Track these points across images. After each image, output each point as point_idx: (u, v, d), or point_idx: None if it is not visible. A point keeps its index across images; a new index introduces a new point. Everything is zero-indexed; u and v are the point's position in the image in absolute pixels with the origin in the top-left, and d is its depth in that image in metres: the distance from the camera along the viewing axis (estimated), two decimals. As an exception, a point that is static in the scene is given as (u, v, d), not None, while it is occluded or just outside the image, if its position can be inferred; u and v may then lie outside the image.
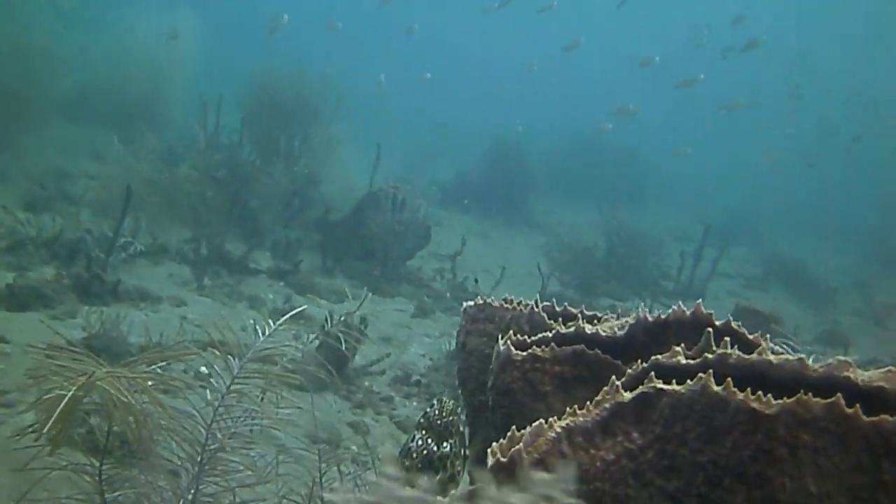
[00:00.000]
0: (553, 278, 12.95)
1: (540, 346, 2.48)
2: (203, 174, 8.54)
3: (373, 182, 11.43)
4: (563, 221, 18.87)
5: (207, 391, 2.64)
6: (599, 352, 2.45)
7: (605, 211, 16.68)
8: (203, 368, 5.07)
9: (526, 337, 2.81)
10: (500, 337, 2.55)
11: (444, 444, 2.31)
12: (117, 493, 2.28)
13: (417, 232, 10.47)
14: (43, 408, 2.04)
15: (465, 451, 2.35)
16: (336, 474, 2.97)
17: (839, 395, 1.82)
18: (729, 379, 1.86)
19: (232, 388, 2.61)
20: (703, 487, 1.86)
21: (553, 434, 1.93)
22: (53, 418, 1.96)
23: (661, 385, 1.93)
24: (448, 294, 10.13)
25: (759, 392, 1.84)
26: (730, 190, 27.55)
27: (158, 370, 2.36)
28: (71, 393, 2.01)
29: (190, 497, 2.40)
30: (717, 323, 2.53)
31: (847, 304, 18.03)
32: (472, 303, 3.03)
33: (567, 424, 1.95)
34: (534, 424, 1.94)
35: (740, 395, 1.84)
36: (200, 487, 2.40)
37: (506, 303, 2.99)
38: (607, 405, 1.96)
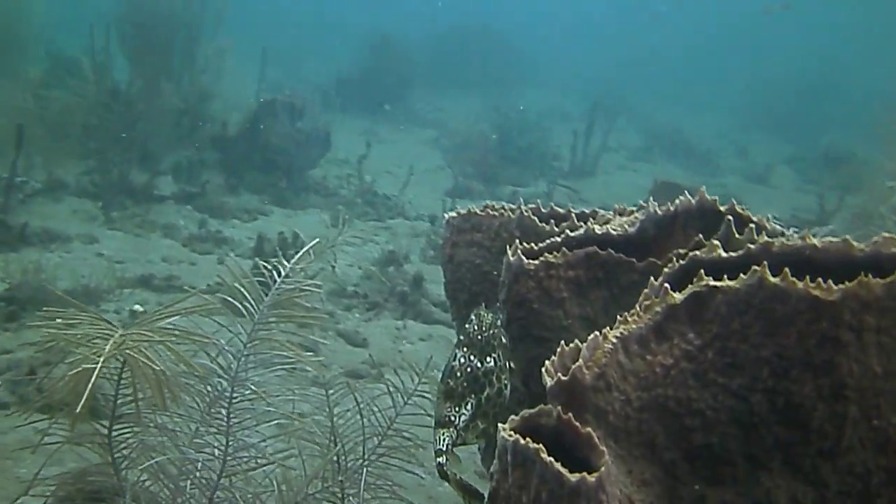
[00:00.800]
0: (452, 171, 12.88)
1: (551, 253, 2.40)
2: (91, 101, 8.00)
3: (262, 92, 11.00)
4: (450, 114, 18.74)
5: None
6: (612, 251, 2.39)
7: (491, 98, 16.64)
8: (138, 306, 4.82)
9: (518, 241, 2.73)
10: (507, 247, 2.45)
11: (488, 358, 2.23)
12: (132, 462, 2.12)
13: (318, 139, 10.16)
14: (69, 383, 1.84)
15: (510, 364, 2.27)
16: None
17: (897, 273, 1.81)
18: (786, 269, 1.83)
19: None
20: (770, 381, 1.83)
21: (609, 345, 1.86)
22: (85, 396, 1.77)
23: (714, 283, 1.88)
24: (359, 200, 9.95)
25: (818, 279, 1.81)
26: (607, 69, 27.80)
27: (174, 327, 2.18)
28: (99, 365, 1.81)
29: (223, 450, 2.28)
30: (722, 208, 2.50)
31: (728, 167, 18.70)
32: (454, 213, 2.92)
33: (621, 333, 1.88)
34: (589, 338, 1.87)
35: (800, 285, 1.81)
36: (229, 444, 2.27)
37: (490, 209, 2.89)
38: (659, 309, 1.90)
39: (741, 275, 1.86)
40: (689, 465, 1.90)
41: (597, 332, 1.89)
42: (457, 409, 2.21)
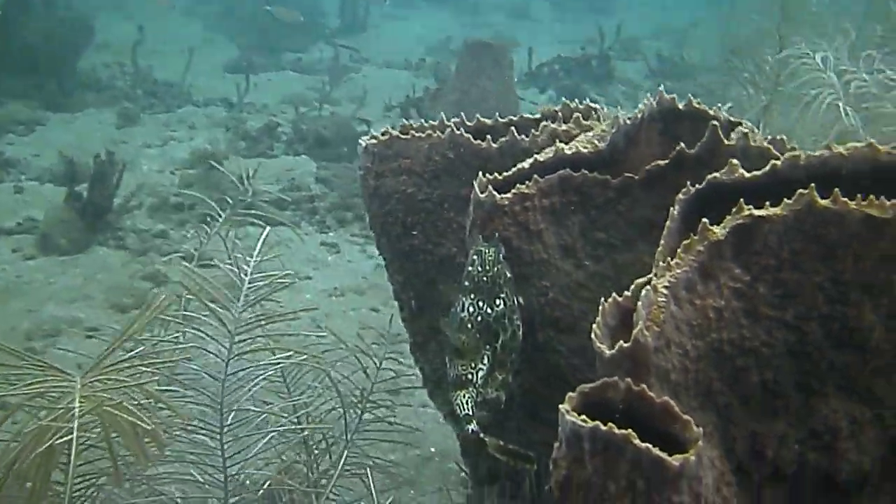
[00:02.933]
0: (223, 43, 12.01)
1: (523, 182, 2.17)
2: None
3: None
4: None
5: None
6: (586, 172, 2.18)
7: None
8: None
9: (459, 164, 2.48)
10: (474, 183, 2.19)
11: (497, 301, 2.00)
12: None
13: (80, 28, 9.03)
14: (23, 452, 1.42)
15: (518, 300, 2.05)
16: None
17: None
18: (836, 190, 1.70)
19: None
20: (825, 307, 1.73)
21: (662, 298, 1.68)
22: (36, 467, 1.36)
23: (757, 212, 1.72)
24: (139, 91, 9.05)
25: (869, 196, 1.70)
26: None
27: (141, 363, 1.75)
28: (74, 435, 1.39)
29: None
30: (680, 106, 2.34)
31: (489, 4, 18.67)
32: (371, 139, 2.59)
33: (669, 282, 1.70)
34: (643, 293, 1.67)
35: (853, 205, 1.69)
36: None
37: (414, 131, 2.58)
38: (701, 248, 1.73)
39: (784, 199, 1.72)
40: (743, 405, 1.80)
41: (648, 285, 1.70)
42: (472, 364, 2.00)
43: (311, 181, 7.05)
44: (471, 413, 1.97)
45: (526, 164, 2.19)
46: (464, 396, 1.98)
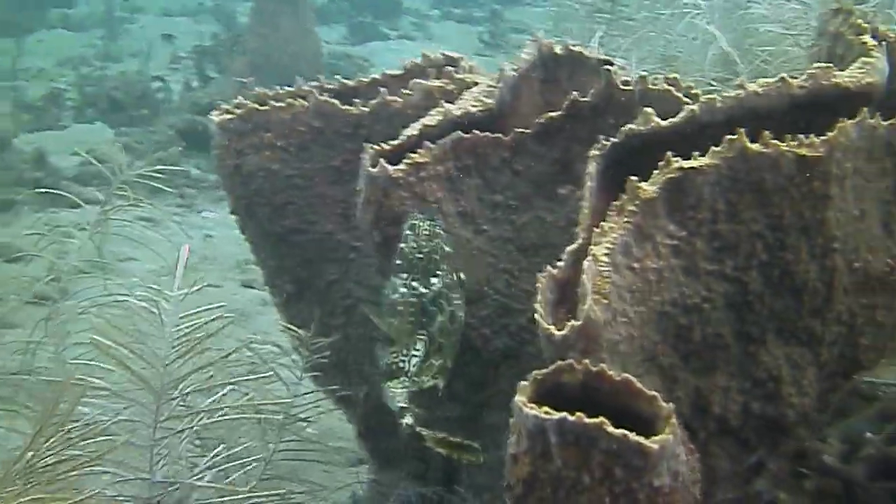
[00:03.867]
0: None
1: (414, 151, 1.98)
2: None
3: None
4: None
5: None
6: (478, 132, 2.02)
7: None
8: None
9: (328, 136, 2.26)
10: (362, 156, 1.98)
11: (433, 279, 1.82)
12: None
13: None
14: None
15: (458, 276, 1.88)
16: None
17: (864, 109, 1.69)
18: (766, 133, 1.63)
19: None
20: (764, 255, 1.68)
21: (605, 267, 1.56)
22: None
23: (688, 164, 1.63)
24: None
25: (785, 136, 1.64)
26: None
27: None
28: None
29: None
30: (558, 50, 2.21)
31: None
32: (226, 114, 2.31)
33: (608, 248, 1.58)
34: (585, 265, 1.54)
35: (785, 147, 1.62)
36: None
37: (273, 100, 2.32)
38: (633, 207, 1.61)
39: (713, 148, 1.63)
40: (685, 364, 1.73)
41: (588, 256, 1.57)
42: (405, 352, 1.81)
43: (112, 150, 6.47)
44: (406, 405, 1.80)
45: (414, 129, 1.99)
46: (397, 387, 1.81)
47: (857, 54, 1.89)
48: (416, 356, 1.81)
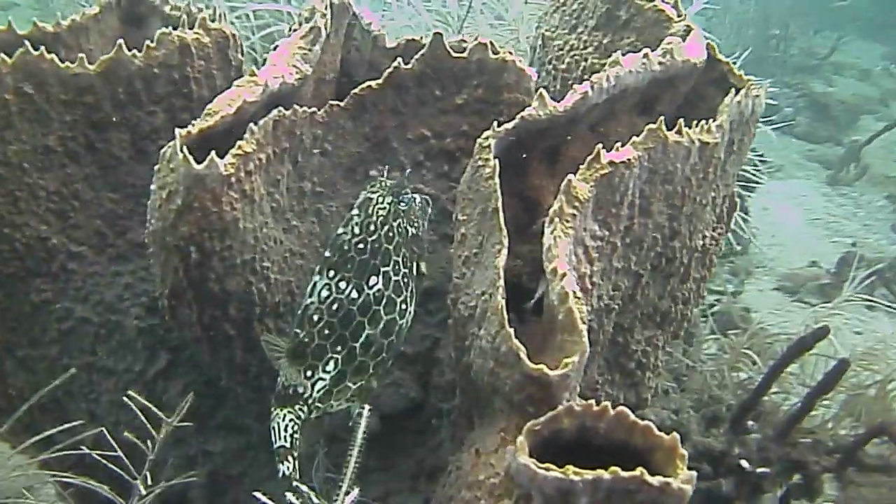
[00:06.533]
0: None
1: (232, 135, 1.48)
2: None
3: None
4: None
5: None
6: (297, 107, 1.59)
7: None
8: None
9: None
10: (166, 150, 1.42)
11: (373, 279, 1.35)
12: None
13: None
14: None
15: (418, 269, 1.42)
16: None
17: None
18: (681, 121, 1.54)
19: None
20: (660, 246, 1.63)
21: (575, 289, 1.35)
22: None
23: (617, 158, 1.46)
24: None
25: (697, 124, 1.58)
26: None
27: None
28: None
29: None
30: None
31: None
32: None
33: (568, 265, 1.38)
34: (555, 290, 1.31)
35: (694, 134, 1.56)
36: None
37: None
38: (573, 211, 1.42)
39: (633, 139, 1.49)
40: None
41: (556, 274, 1.34)
42: (309, 372, 1.39)
43: None
44: (287, 444, 1.36)
45: (229, 106, 1.47)
46: (284, 416, 1.37)
47: (650, 20, 1.88)
48: (322, 379, 1.39)
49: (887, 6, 9.62)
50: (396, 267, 1.40)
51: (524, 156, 1.59)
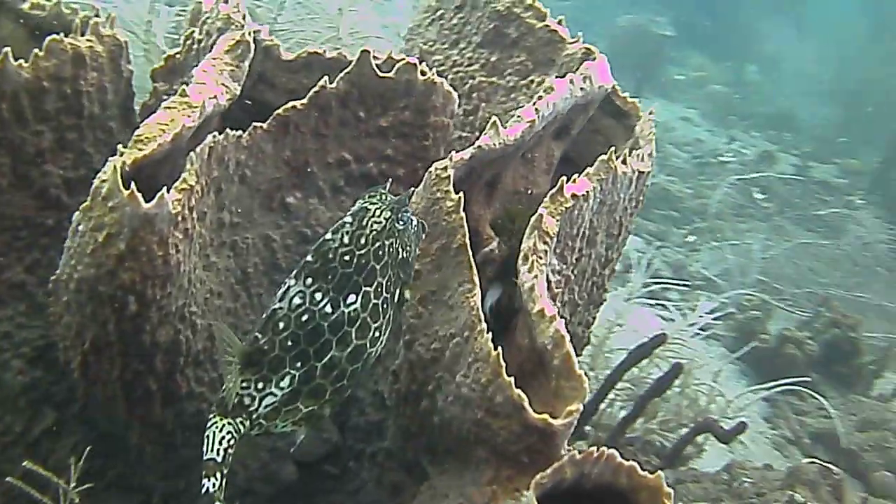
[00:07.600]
0: None
1: (168, 165, 1.30)
2: None
3: None
4: None
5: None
6: (229, 131, 1.43)
7: None
8: None
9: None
10: (97, 179, 1.21)
11: (351, 297, 1.16)
12: None
13: None
14: None
15: (402, 298, 1.24)
16: None
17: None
18: (626, 150, 1.55)
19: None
20: (596, 268, 1.63)
21: (566, 334, 1.31)
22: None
23: (579, 191, 1.45)
24: None
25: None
26: None
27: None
28: None
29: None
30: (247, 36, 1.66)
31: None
32: None
33: (554, 303, 1.34)
34: (549, 333, 1.28)
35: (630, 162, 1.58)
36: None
37: None
38: (545, 247, 1.39)
39: (587, 170, 1.49)
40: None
41: (544, 316, 1.29)
42: (261, 384, 1.22)
43: None
44: (218, 459, 1.19)
45: (164, 132, 1.28)
46: (222, 429, 1.20)
47: (542, 40, 1.89)
48: (273, 394, 1.22)
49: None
50: (379, 289, 1.26)
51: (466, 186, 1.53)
